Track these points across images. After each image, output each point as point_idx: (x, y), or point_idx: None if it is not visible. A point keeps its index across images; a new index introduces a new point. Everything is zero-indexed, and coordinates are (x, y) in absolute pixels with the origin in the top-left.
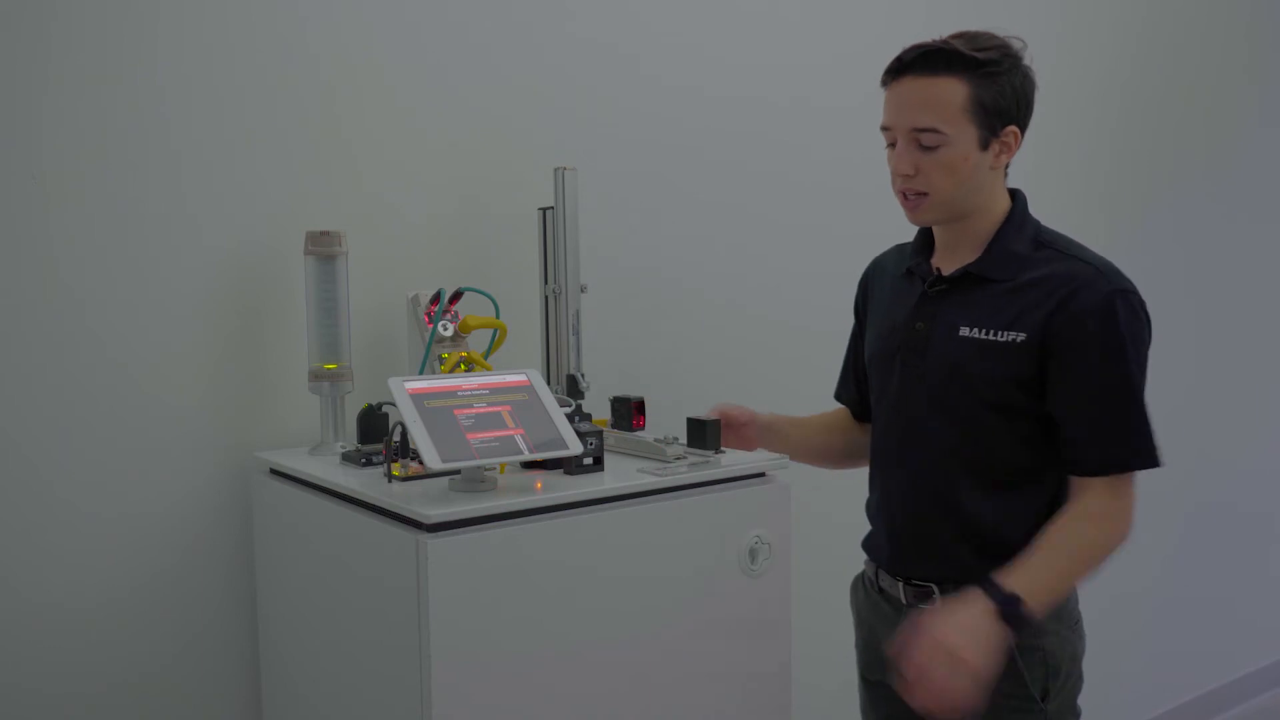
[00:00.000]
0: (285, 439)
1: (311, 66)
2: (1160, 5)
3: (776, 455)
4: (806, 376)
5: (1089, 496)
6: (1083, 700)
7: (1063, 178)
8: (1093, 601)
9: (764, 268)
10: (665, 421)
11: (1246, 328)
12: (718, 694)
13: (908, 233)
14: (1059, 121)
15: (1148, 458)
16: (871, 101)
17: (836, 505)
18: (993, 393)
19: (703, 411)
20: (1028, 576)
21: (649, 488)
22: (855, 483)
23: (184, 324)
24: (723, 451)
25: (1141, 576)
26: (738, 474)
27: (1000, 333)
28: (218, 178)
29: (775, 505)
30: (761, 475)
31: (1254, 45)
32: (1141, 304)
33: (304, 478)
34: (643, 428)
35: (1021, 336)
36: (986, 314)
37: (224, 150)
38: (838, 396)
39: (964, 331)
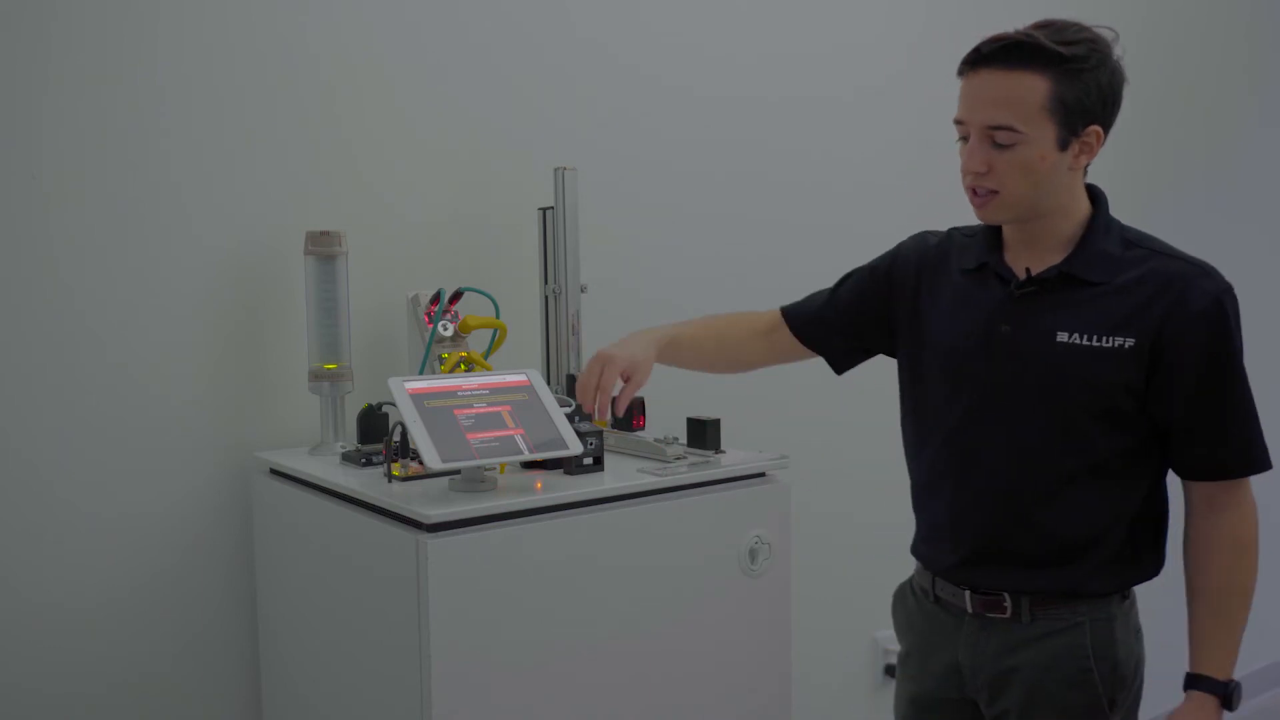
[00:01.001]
0: (285, 439)
1: (311, 66)
2: (1160, 5)
3: (776, 455)
4: (807, 374)
5: (1215, 509)
6: None
7: None
8: None
9: (765, 266)
10: (665, 421)
11: (1246, 328)
12: (718, 694)
13: (909, 229)
14: None
15: (1264, 461)
16: (870, 98)
17: (837, 505)
18: (1098, 400)
19: (697, 410)
20: (1222, 651)
21: (649, 488)
22: (856, 482)
23: (184, 324)
24: (723, 451)
25: None
26: (738, 474)
27: (1106, 338)
28: (218, 177)
29: (775, 505)
30: (761, 475)
31: (1254, 45)
32: (1236, 299)
33: (304, 478)
34: (643, 428)
35: (1130, 342)
36: (1088, 319)
37: (224, 150)
38: (793, 312)
39: (1063, 337)
